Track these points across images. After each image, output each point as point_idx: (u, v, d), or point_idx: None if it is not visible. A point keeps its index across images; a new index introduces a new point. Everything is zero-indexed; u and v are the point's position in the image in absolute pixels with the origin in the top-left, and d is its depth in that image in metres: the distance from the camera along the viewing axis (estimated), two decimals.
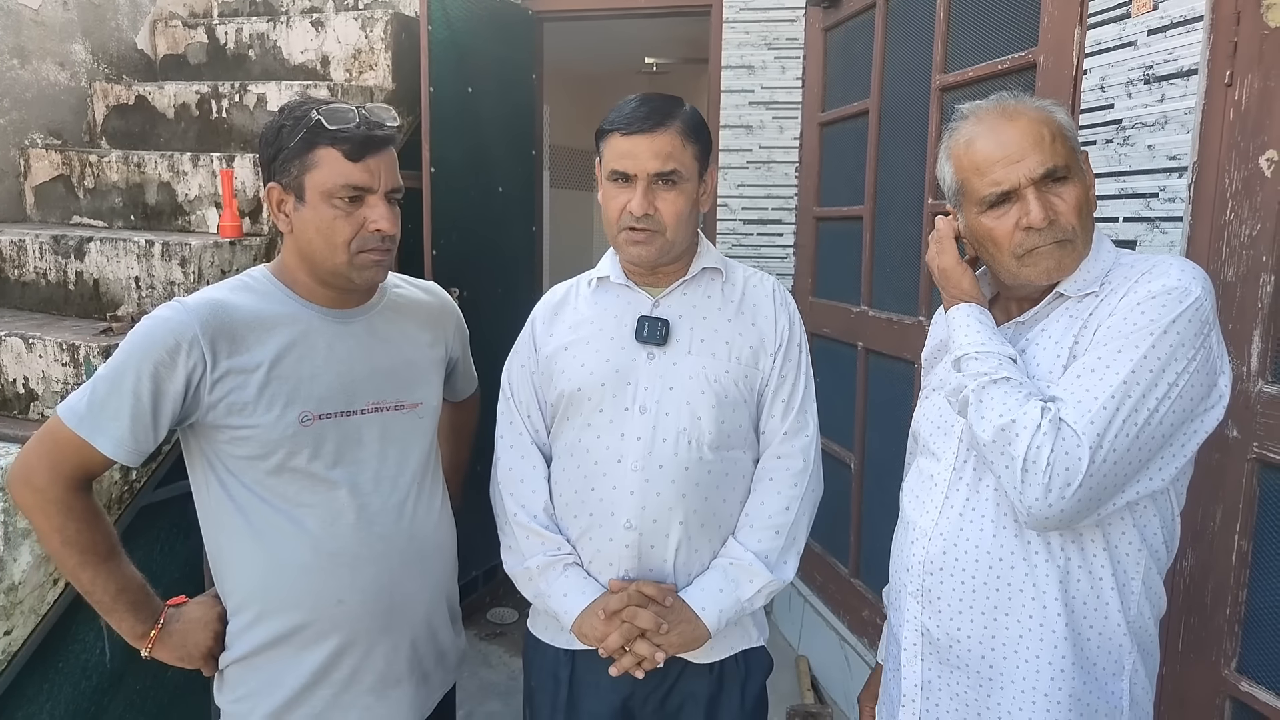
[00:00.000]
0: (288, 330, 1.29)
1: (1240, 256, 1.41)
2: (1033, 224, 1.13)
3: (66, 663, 2.02)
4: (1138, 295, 1.09)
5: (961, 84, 2.20)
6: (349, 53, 3.11)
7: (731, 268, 1.51)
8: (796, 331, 1.48)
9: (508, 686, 3.02)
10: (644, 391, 1.40)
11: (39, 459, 1.24)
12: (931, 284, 2.37)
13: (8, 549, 1.86)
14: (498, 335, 3.47)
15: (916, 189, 2.42)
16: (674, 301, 1.44)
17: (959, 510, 1.21)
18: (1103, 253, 1.18)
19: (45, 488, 1.23)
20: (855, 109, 2.81)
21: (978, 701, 1.20)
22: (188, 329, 1.22)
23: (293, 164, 1.27)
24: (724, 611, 1.37)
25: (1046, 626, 1.13)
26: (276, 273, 1.35)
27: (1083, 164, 1.17)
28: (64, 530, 1.24)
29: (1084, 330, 1.13)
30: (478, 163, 3.26)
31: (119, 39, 3.25)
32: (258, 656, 1.32)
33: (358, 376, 1.34)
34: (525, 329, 1.56)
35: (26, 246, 2.52)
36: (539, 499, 1.46)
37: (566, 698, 1.47)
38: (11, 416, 2.20)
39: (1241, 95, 1.41)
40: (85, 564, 1.26)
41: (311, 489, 1.30)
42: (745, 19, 3.23)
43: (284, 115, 1.29)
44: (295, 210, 1.29)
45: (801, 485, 1.43)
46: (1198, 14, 1.47)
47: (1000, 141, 1.16)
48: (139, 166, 2.75)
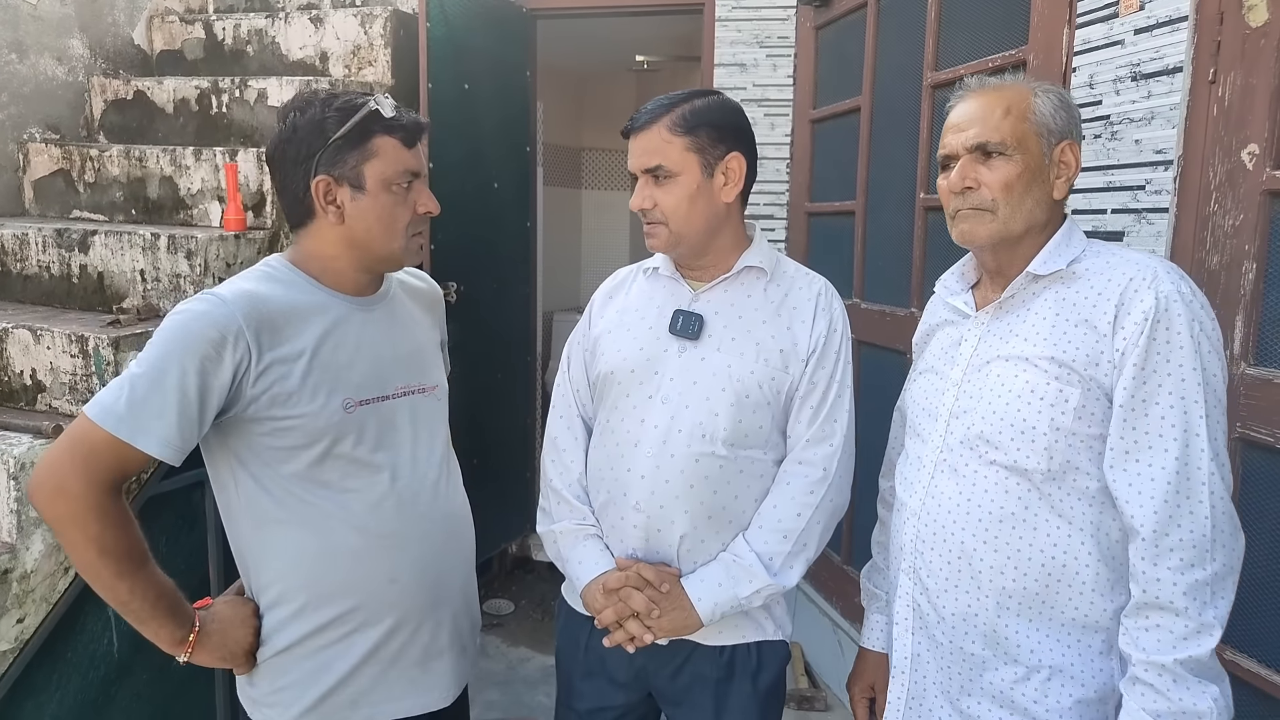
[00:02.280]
0: (320, 319, 1.30)
1: (1224, 246, 1.48)
2: (949, 187, 1.25)
3: (75, 652, 2.04)
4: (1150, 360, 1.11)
5: (952, 81, 2.26)
6: (348, 49, 3.14)
7: (781, 268, 1.51)
8: (835, 340, 1.47)
9: (505, 676, 3.06)
10: (669, 383, 1.44)
11: (71, 465, 1.17)
12: (922, 277, 2.43)
13: (20, 538, 1.88)
14: (493, 329, 3.53)
15: (908, 184, 2.47)
16: (713, 297, 1.48)
17: (944, 490, 1.27)
18: (1074, 239, 1.24)
19: (82, 494, 1.17)
20: (847, 106, 2.86)
21: (961, 675, 1.26)
22: (231, 321, 1.21)
23: (348, 155, 1.28)
24: (718, 605, 1.40)
25: None
26: (297, 262, 1.35)
27: (1046, 148, 1.21)
28: (101, 539, 1.19)
29: (1069, 312, 1.19)
30: (474, 159, 3.30)
31: (115, 34, 3.26)
32: (302, 646, 1.33)
33: (386, 362, 1.37)
34: (587, 308, 1.63)
35: (29, 240, 2.53)
36: (575, 469, 1.54)
37: (584, 659, 1.55)
38: (18, 408, 2.21)
39: (1224, 92, 1.48)
40: (123, 573, 1.21)
41: (356, 474, 1.31)
42: (737, 17, 3.28)
43: (318, 108, 1.29)
44: (352, 200, 1.30)
45: (818, 494, 1.43)
46: (1182, 14, 1.53)
47: (960, 111, 1.26)
48: (141, 161, 2.77)
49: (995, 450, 1.21)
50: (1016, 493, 1.20)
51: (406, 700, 1.39)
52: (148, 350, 1.22)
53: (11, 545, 1.88)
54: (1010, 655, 1.22)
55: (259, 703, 1.36)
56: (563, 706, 1.61)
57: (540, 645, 3.27)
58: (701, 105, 1.43)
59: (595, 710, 1.55)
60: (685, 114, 1.41)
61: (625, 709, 1.55)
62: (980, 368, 1.27)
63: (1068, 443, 1.16)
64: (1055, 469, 1.17)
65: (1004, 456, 1.20)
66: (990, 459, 1.22)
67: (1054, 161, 1.22)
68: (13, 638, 1.88)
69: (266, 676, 1.34)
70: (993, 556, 1.22)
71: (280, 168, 1.32)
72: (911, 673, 1.33)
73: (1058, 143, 1.22)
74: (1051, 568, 1.19)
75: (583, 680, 1.56)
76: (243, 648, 1.32)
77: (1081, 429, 1.16)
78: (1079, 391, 1.15)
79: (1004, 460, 1.21)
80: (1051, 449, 1.17)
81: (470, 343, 3.34)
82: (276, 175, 1.35)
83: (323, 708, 1.34)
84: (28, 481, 1.19)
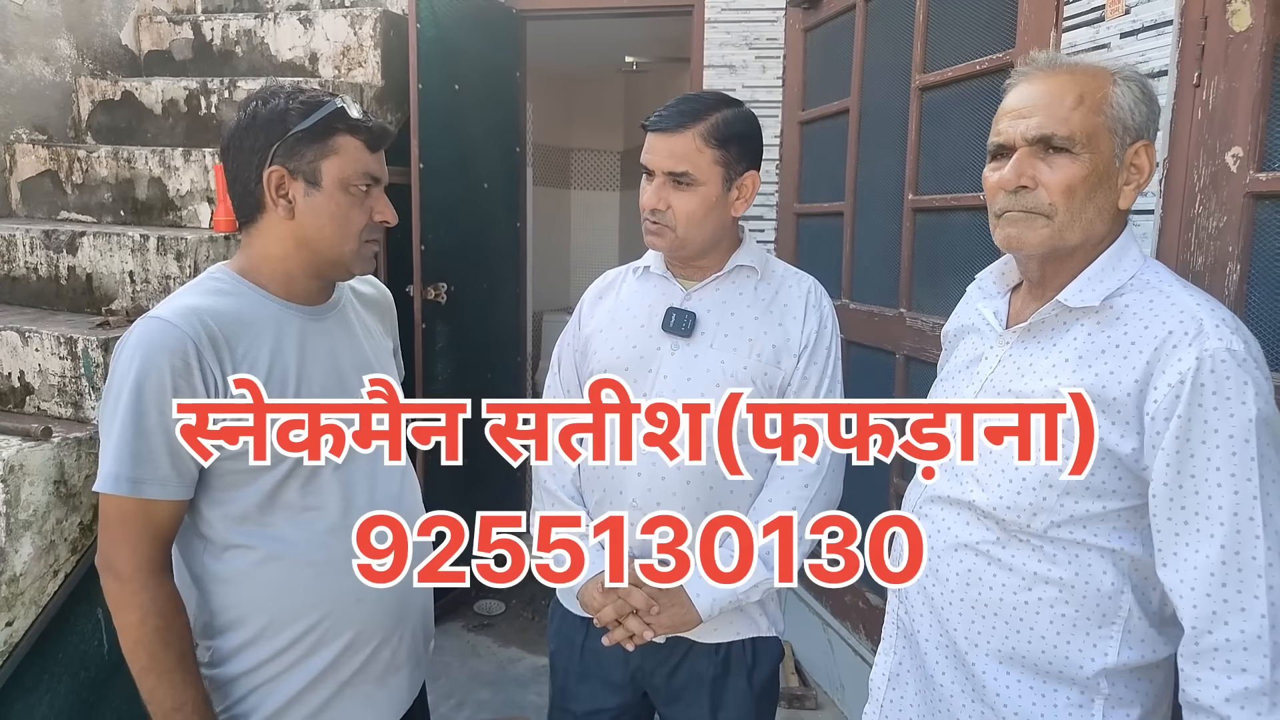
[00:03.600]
0: (272, 331, 1.26)
1: (1208, 247, 1.50)
2: (1001, 183, 1.08)
3: (65, 654, 2.03)
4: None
5: (940, 84, 2.28)
6: (338, 50, 3.13)
7: (770, 267, 1.53)
8: (826, 336, 1.48)
9: (496, 675, 3.06)
10: (663, 380, 1.45)
11: (115, 545, 1.18)
12: (911, 276, 2.45)
13: (9, 540, 1.88)
14: (483, 330, 3.53)
15: (897, 185, 2.49)
16: (705, 295, 1.49)
17: (932, 515, 1.22)
18: (1124, 264, 1.08)
19: (132, 575, 1.18)
20: (835, 108, 2.88)
21: (934, 695, 1.21)
22: (181, 341, 1.16)
23: (307, 149, 1.24)
24: (717, 600, 1.41)
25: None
26: (244, 272, 1.29)
27: (1119, 148, 1.06)
28: (155, 604, 1.18)
29: (1095, 360, 1.05)
30: (464, 160, 3.30)
31: (103, 34, 3.24)
32: (259, 670, 1.28)
33: (344, 372, 1.33)
34: (576, 309, 1.64)
35: (16, 241, 2.52)
36: (569, 470, 1.54)
37: (579, 662, 1.55)
38: (7, 410, 2.20)
39: (1209, 95, 1.49)
40: (169, 649, 1.19)
41: (320, 490, 1.28)
42: (726, 19, 3.29)
43: (282, 100, 1.25)
44: (305, 195, 1.25)
45: (813, 488, 1.44)
46: (1167, 18, 1.55)
47: (1022, 94, 1.09)
48: (129, 162, 2.75)
49: (981, 491, 1.14)
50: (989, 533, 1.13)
51: (364, 716, 1.36)
52: (116, 398, 1.17)
53: (0, 548, 1.87)
54: (988, 704, 1.15)
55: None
56: (557, 709, 1.62)
57: (531, 645, 3.27)
58: (733, 117, 1.42)
59: (591, 713, 1.56)
60: (719, 125, 1.40)
61: (620, 710, 1.56)
62: (991, 395, 1.17)
63: (1058, 500, 1.06)
64: (1038, 526, 1.08)
65: (985, 499, 1.13)
66: (970, 497, 1.15)
67: (1125, 165, 1.06)
68: (2, 641, 1.88)
69: (216, 697, 1.28)
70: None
71: (234, 157, 1.26)
72: (888, 690, 1.30)
73: (1133, 142, 1.06)
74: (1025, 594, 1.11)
75: (578, 683, 1.56)
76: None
77: (1077, 489, 1.05)
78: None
79: (983, 502, 1.13)
80: (1037, 505, 1.07)
81: (460, 343, 3.34)
82: (230, 165, 1.28)
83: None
84: None
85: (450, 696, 2.91)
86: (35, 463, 1.92)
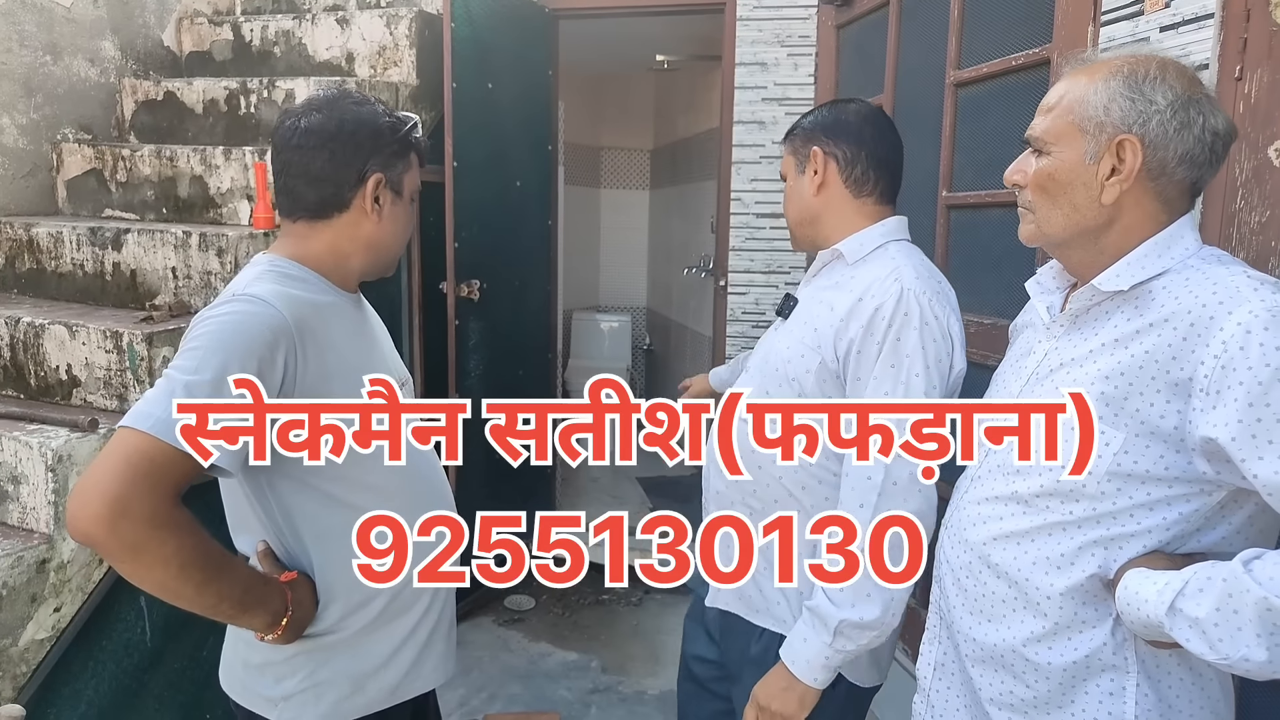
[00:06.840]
0: (338, 317, 1.32)
1: (1250, 242, 1.48)
2: (1004, 178, 1.17)
3: (110, 640, 2.09)
4: None
5: (975, 80, 2.27)
6: (374, 49, 3.18)
7: (868, 256, 1.46)
8: (880, 330, 1.34)
9: (527, 670, 3.08)
10: (756, 358, 1.56)
11: (131, 486, 1.04)
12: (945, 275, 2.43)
13: (57, 529, 1.93)
14: (515, 327, 3.56)
15: (931, 182, 2.48)
16: (811, 281, 1.56)
17: (969, 505, 1.22)
18: (1172, 250, 1.05)
19: (151, 514, 1.06)
20: None
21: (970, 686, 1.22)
22: (282, 324, 1.19)
23: (399, 160, 1.33)
24: (811, 662, 1.34)
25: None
26: (306, 260, 1.32)
27: (1092, 146, 1.06)
28: (180, 554, 1.09)
29: (1131, 341, 1.03)
30: (497, 158, 3.33)
31: (146, 36, 3.31)
32: (356, 640, 1.32)
33: (385, 354, 1.43)
34: None
35: (63, 238, 2.59)
36: None
37: (695, 603, 1.70)
38: (54, 402, 2.26)
39: (1251, 89, 1.48)
40: (208, 580, 1.13)
41: (380, 465, 1.32)
42: (759, 16, 3.29)
43: (374, 106, 1.32)
44: (392, 204, 1.34)
45: (870, 506, 1.31)
46: (1208, 11, 1.54)
47: (1050, 92, 1.13)
48: (171, 160, 2.81)
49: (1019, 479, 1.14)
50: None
51: (437, 673, 1.44)
52: (196, 355, 1.14)
53: (49, 536, 1.93)
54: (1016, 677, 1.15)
55: (289, 699, 1.30)
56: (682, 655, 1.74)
57: (561, 640, 3.30)
58: (816, 116, 1.55)
59: (696, 657, 1.67)
60: (795, 127, 1.55)
61: (716, 666, 1.62)
62: (1035, 386, 1.17)
63: (1098, 486, 1.05)
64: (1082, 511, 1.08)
65: (1025, 486, 1.13)
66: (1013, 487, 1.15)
67: (1104, 157, 1.05)
68: (50, 626, 1.93)
69: (305, 668, 1.29)
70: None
71: (328, 152, 1.27)
72: (934, 681, 1.31)
73: (1113, 137, 1.05)
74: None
75: (690, 620, 1.70)
76: (309, 623, 1.28)
77: (1122, 472, 1.03)
78: (1123, 436, 1.02)
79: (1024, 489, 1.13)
80: (1078, 491, 1.07)
81: (492, 340, 3.37)
82: (316, 159, 1.27)
83: (363, 695, 1.33)
84: (67, 515, 1.07)
85: (482, 690, 2.94)
86: (83, 453, 1.97)
